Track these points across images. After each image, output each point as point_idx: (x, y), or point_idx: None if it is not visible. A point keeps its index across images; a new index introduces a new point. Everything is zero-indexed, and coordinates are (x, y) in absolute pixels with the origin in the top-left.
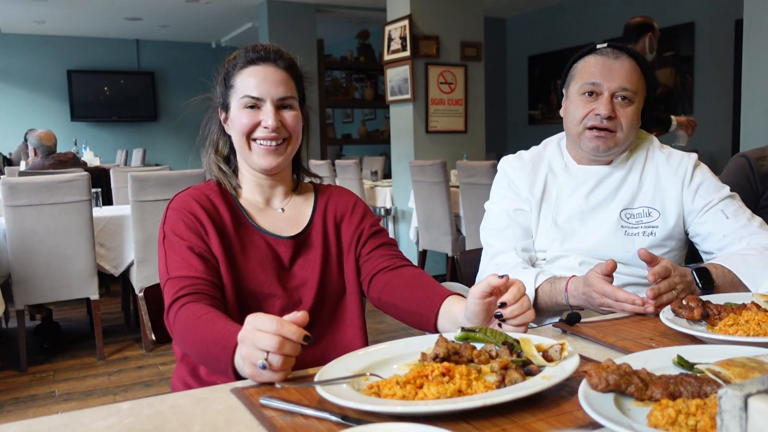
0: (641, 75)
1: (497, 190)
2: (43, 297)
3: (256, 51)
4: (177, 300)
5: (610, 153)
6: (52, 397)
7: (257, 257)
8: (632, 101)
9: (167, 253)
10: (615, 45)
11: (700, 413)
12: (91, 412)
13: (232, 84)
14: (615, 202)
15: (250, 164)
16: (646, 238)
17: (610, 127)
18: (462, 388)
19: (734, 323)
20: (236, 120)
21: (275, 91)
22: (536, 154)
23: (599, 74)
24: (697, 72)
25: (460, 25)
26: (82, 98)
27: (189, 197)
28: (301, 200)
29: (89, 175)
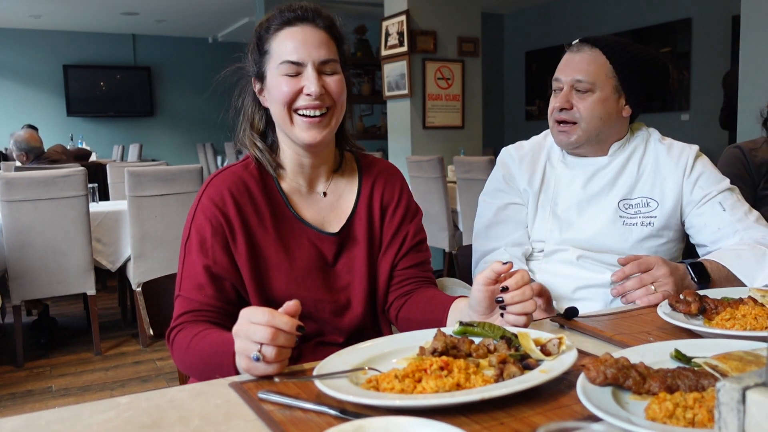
0: (605, 63)
1: (492, 183)
2: (39, 292)
3: (292, 10)
4: (178, 325)
5: (575, 146)
6: (48, 393)
7: (303, 259)
8: (591, 91)
9: (186, 261)
10: (585, 38)
11: (697, 406)
12: (90, 406)
13: (266, 49)
14: (613, 192)
15: (293, 139)
16: (644, 228)
17: (567, 118)
18: (460, 381)
19: (731, 317)
20: (275, 89)
21: (316, 54)
22: (536, 144)
23: (561, 70)
24: (694, 68)
25: (457, 21)
26: (79, 93)
27: (225, 187)
28: (344, 182)
29: (86, 170)
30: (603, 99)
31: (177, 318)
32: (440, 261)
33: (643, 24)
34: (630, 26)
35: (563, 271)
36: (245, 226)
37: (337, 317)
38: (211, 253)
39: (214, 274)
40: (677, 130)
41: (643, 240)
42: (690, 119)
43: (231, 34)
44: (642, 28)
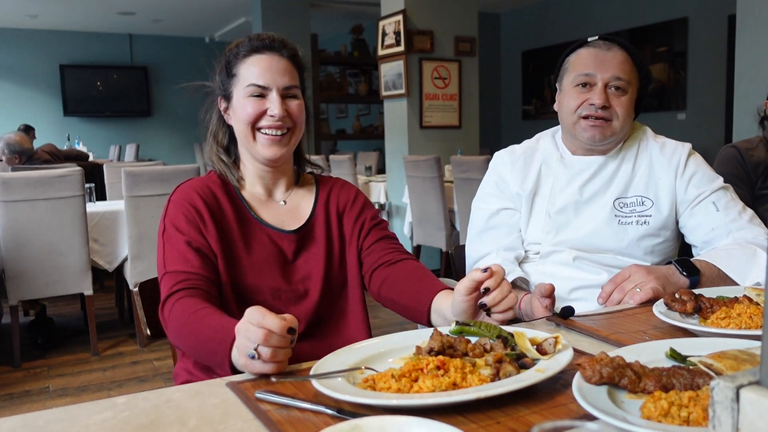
0: (633, 66)
1: (485, 188)
2: (36, 292)
3: (261, 39)
4: (172, 294)
5: (607, 142)
6: (46, 393)
7: (261, 253)
8: (626, 91)
9: (166, 247)
10: (607, 37)
11: (692, 405)
12: (87, 406)
13: (234, 72)
14: (609, 192)
15: (254, 155)
16: (640, 227)
17: (605, 116)
18: (457, 381)
19: (726, 316)
20: (240, 109)
21: (281, 80)
22: (528, 148)
23: (592, 65)
24: (690, 67)
25: (454, 20)
26: (75, 93)
27: (191, 189)
28: (302, 192)
29: (83, 170)
30: (632, 100)
31: (168, 291)
32: (437, 260)
33: (639, 23)
34: (626, 25)
35: (559, 272)
36: (213, 218)
37: (295, 305)
38: (188, 233)
39: (195, 248)
40: (674, 129)
41: (639, 239)
42: (686, 118)
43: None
44: (638, 28)
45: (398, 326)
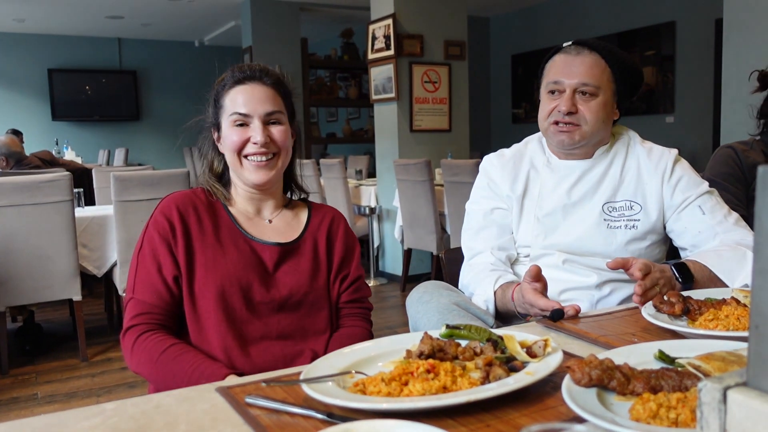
0: (605, 68)
1: (477, 191)
2: (24, 298)
3: (242, 71)
4: (135, 326)
5: (578, 146)
6: (34, 400)
7: (241, 260)
8: (595, 95)
9: (138, 269)
10: (580, 41)
11: (680, 406)
12: (75, 412)
13: (221, 104)
14: (597, 196)
15: (243, 180)
16: (628, 231)
17: (572, 121)
18: (447, 384)
19: (714, 318)
20: (227, 138)
21: (262, 108)
22: (517, 151)
23: (561, 72)
24: (678, 71)
25: (443, 24)
26: (64, 97)
27: (173, 203)
28: (291, 215)
29: (71, 175)
30: (605, 103)
31: (131, 319)
32: (428, 264)
33: (627, 27)
34: (615, 29)
35: (549, 275)
36: (186, 234)
37: (269, 317)
38: (161, 259)
39: (163, 278)
40: (662, 132)
41: (628, 243)
42: (675, 121)
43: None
44: (627, 32)
45: (388, 330)
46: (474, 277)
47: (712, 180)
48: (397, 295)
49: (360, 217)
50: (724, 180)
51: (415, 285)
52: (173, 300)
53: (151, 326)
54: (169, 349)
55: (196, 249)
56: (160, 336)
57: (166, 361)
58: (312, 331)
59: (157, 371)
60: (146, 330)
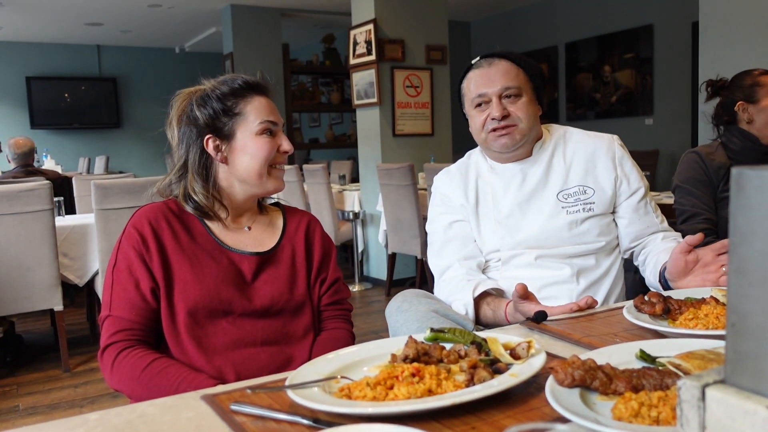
0: (519, 70)
1: (432, 209)
2: (4, 309)
3: (256, 82)
4: (114, 344)
5: (519, 144)
6: (15, 412)
7: (220, 273)
8: (519, 95)
9: (114, 286)
10: (487, 54)
11: (661, 405)
12: (58, 423)
13: (238, 111)
14: (549, 187)
15: (260, 189)
16: (587, 213)
17: (508, 123)
18: (432, 387)
19: (694, 317)
20: (254, 147)
21: (280, 119)
22: (462, 164)
23: (482, 84)
24: (656, 73)
25: (424, 29)
26: (42, 105)
27: (145, 217)
28: (266, 221)
29: (51, 183)
30: (530, 100)
31: (109, 337)
32: (412, 268)
33: (606, 31)
34: (594, 33)
35: (524, 274)
36: (160, 248)
37: (251, 326)
38: (137, 274)
39: (141, 293)
40: (641, 134)
41: (590, 224)
42: (654, 123)
43: (198, 44)
44: (605, 35)
45: (373, 335)
46: (451, 290)
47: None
48: (382, 300)
49: (344, 222)
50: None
51: (400, 289)
52: (152, 314)
53: (131, 342)
54: (152, 364)
55: (172, 262)
56: (141, 352)
57: (150, 377)
58: (296, 337)
59: (140, 388)
60: (126, 347)
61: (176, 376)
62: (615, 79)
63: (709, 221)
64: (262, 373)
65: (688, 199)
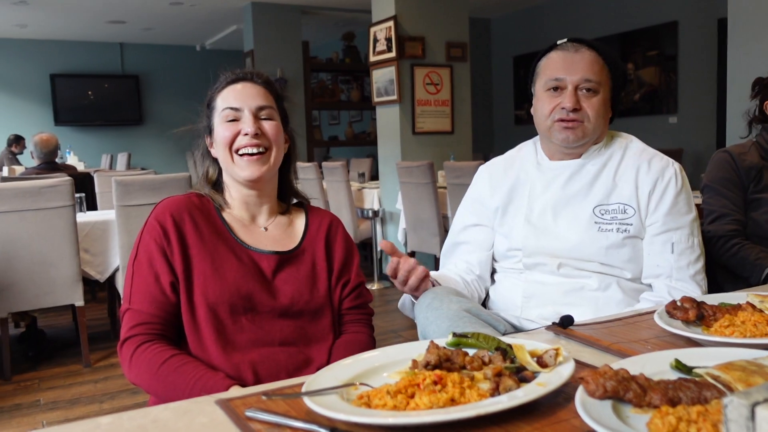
0: (604, 65)
1: (469, 194)
2: (26, 304)
3: (234, 73)
4: (133, 337)
5: (580, 143)
6: (37, 406)
7: (240, 268)
8: (596, 92)
9: (134, 278)
10: (576, 39)
11: (701, 420)
12: (69, 427)
13: (213, 105)
14: (589, 198)
15: (235, 177)
16: (620, 234)
17: (576, 118)
18: (455, 396)
19: (730, 324)
20: (219, 135)
21: (253, 102)
22: (509, 157)
23: (561, 69)
24: (681, 71)
25: (445, 26)
26: (66, 102)
27: (167, 210)
28: (286, 221)
29: (72, 180)
30: (605, 100)
31: (129, 330)
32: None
33: (629, 27)
34: (617, 30)
35: (549, 280)
36: (181, 241)
37: (270, 324)
38: (157, 267)
39: (161, 287)
40: (665, 133)
41: (619, 247)
42: (678, 122)
43: (219, 42)
44: (629, 32)
45: (392, 333)
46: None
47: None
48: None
49: (363, 220)
50: (720, 185)
51: None
52: (172, 309)
53: (150, 337)
54: (170, 360)
55: (193, 256)
56: (160, 347)
57: (167, 373)
58: (315, 338)
59: (157, 383)
60: (145, 341)
61: (193, 374)
62: (638, 77)
63: (738, 222)
64: (280, 374)
65: (717, 199)
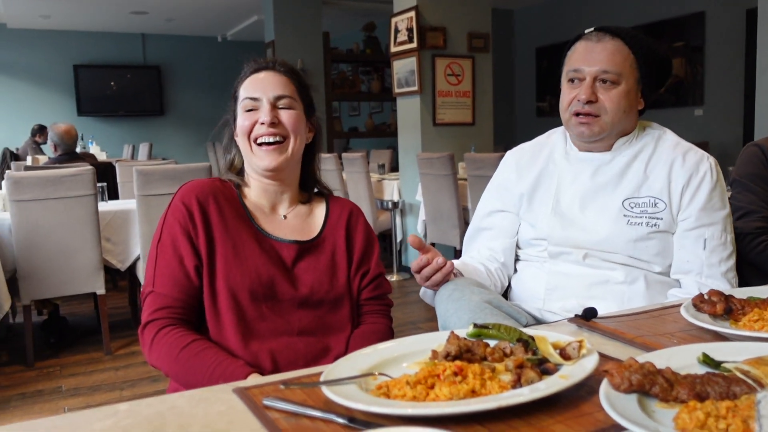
0: (629, 55)
1: (494, 180)
2: (49, 292)
3: (257, 62)
4: (154, 321)
5: (597, 138)
6: (58, 393)
7: (261, 255)
8: (616, 83)
9: (158, 261)
10: (602, 27)
11: (731, 416)
12: (88, 413)
13: (237, 96)
14: (618, 190)
15: (255, 167)
16: (650, 228)
17: (591, 111)
18: (475, 388)
19: (759, 318)
20: (239, 125)
21: (272, 91)
22: (537, 144)
23: (581, 60)
24: (707, 62)
25: (467, 16)
26: (89, 93)
27: (193, 192)
28: (306, 210)
29: (94, 169)
30: (627, 91)
31: (151, 314)
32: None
33: (655, 18)
34: (642, 20)
35: (574, 271)
36: (206, 223)
37: (296, 312)
38: (182, 250)
39: (185, 269)
40: (690, 126)
41: (648, 240)
42: (704, 114)
43: (240, 33)
44: (654, 23)
45: (411, 325)
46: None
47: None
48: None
49: (383, 211)
50: (749, 181)
51: None
52: (194, 292)
53: (172, 321)
54: (190, 345)
55: (216, 239)
56: (181, 331)
57: (187, 357)
58: (334, 328)
59: (177, 367)
60: (166, 324)
61: (213, 360)
62: None
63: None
64: (299, 362)
65: (745, 195)
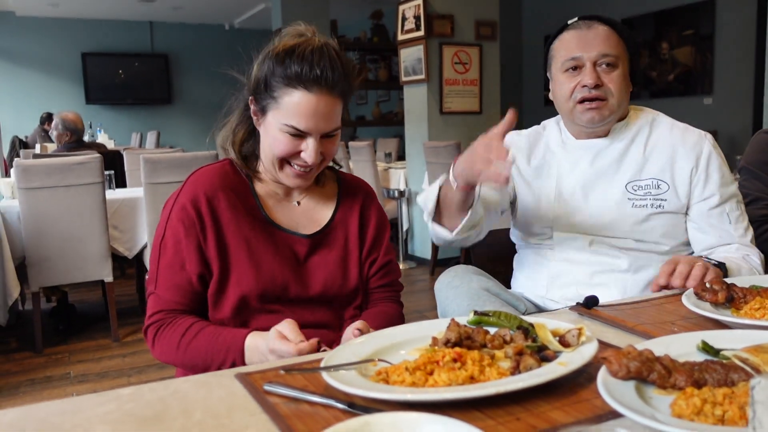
0: (619, 39)
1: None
2: (57, 279)
3: (313, 70)
4: (156, 323)
5: (606, 121)
6: (67, 379)
7: (275, 254)
8: (616, 66)
9: (161, 261)
10: (588, 16)
11: (727, 402)
12: (91, 398)
13: (275, 96)
14: (619, 175)
15: (275, 178)
16: (655, 210)
17: (599, 95)
18: (474, 374)
19: (761, 307)
20: (273, 140)
21: (324, 126)
22: (534, 132)
23: (577, 47)
24: (717, 51)
25: (474, 4)
26: (97, 81)
27: (201, 188)
28: (320, 193)
29: (102, 157)
30: (624, 74)
31: (151, 315)
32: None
33: (664, 6)
34: (651, 8)
35: (578, 258)
36: (216, 224)
37: (306, 309)
38: (184, 254)
39: (187, 275)
40: (699, 114)
41: (655, 222)
42: (713, 103)
43: (248, 21)
44: (664, 11)
45: (417, 314)
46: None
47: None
48: (426, 279)
49: (389, 200)
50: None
51: (445, 269)
52: (196, 296)
53: (172, 317)
54: (190, 328)
55: (229, 241)
56: (179, 321)
57: (188, 341)
58: (345, 319)
59: (180, 354)
60: (167, 323)
61: (212, 334)
62: (673, 57)
63: None
64: None
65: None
